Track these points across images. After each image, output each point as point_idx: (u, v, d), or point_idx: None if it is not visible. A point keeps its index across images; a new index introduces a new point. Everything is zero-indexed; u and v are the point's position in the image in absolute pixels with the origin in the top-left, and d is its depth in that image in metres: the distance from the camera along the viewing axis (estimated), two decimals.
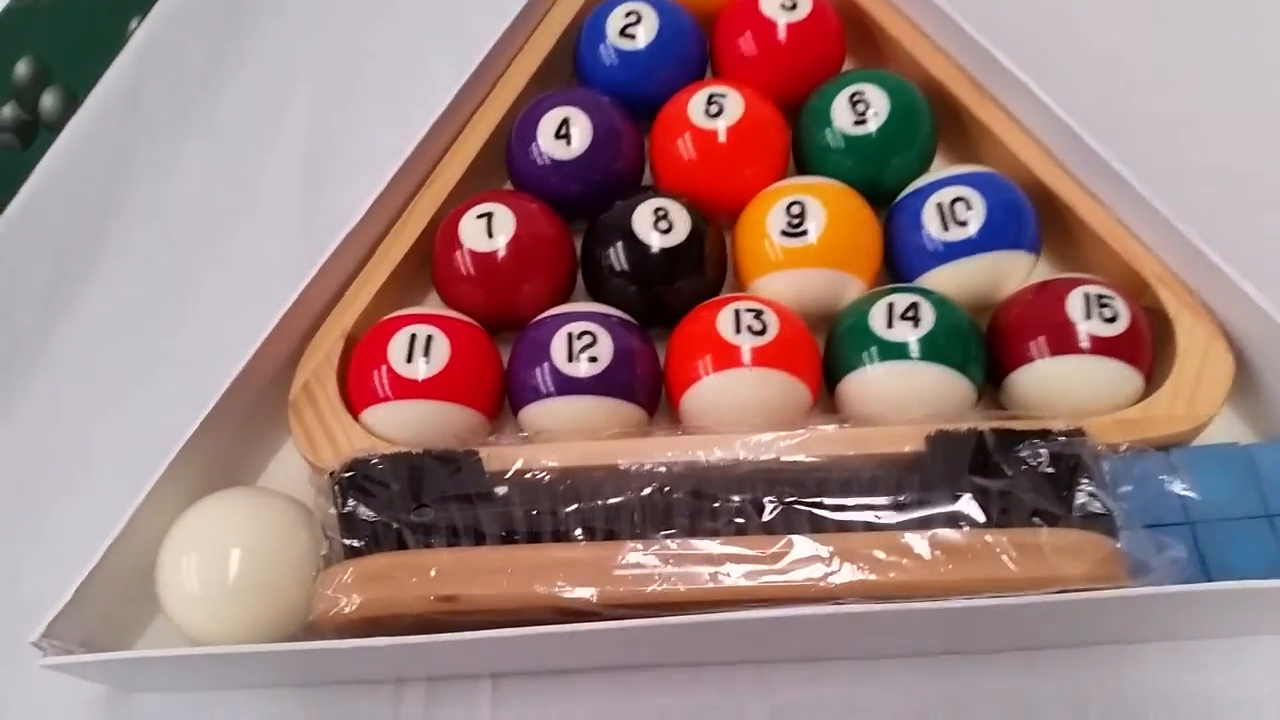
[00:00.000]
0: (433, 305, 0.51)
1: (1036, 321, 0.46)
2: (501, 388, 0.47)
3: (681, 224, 0.48)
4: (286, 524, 0.43)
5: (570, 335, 0.45)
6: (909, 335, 0.44)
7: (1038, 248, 0.49)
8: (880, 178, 0.51)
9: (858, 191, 0.49)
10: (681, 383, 0.46)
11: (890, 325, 0.45)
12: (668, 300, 0.48)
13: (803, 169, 0.53)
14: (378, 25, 0.65)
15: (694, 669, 0.44)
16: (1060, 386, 0.45)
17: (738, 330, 0.45)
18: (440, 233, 0.49)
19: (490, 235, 0.48)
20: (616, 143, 0.51)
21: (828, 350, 0.47)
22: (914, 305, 0.45)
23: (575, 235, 0.51)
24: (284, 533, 0.42)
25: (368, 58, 0.64)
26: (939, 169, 0.50)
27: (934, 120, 0.52)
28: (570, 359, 0.44)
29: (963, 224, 0.47)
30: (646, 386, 0.46)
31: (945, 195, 0.48)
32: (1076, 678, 0.44)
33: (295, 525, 0.43)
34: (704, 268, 0.48)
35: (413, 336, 0.45)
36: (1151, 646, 0.44)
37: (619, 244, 0.48)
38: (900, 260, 0.49)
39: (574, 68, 0.57)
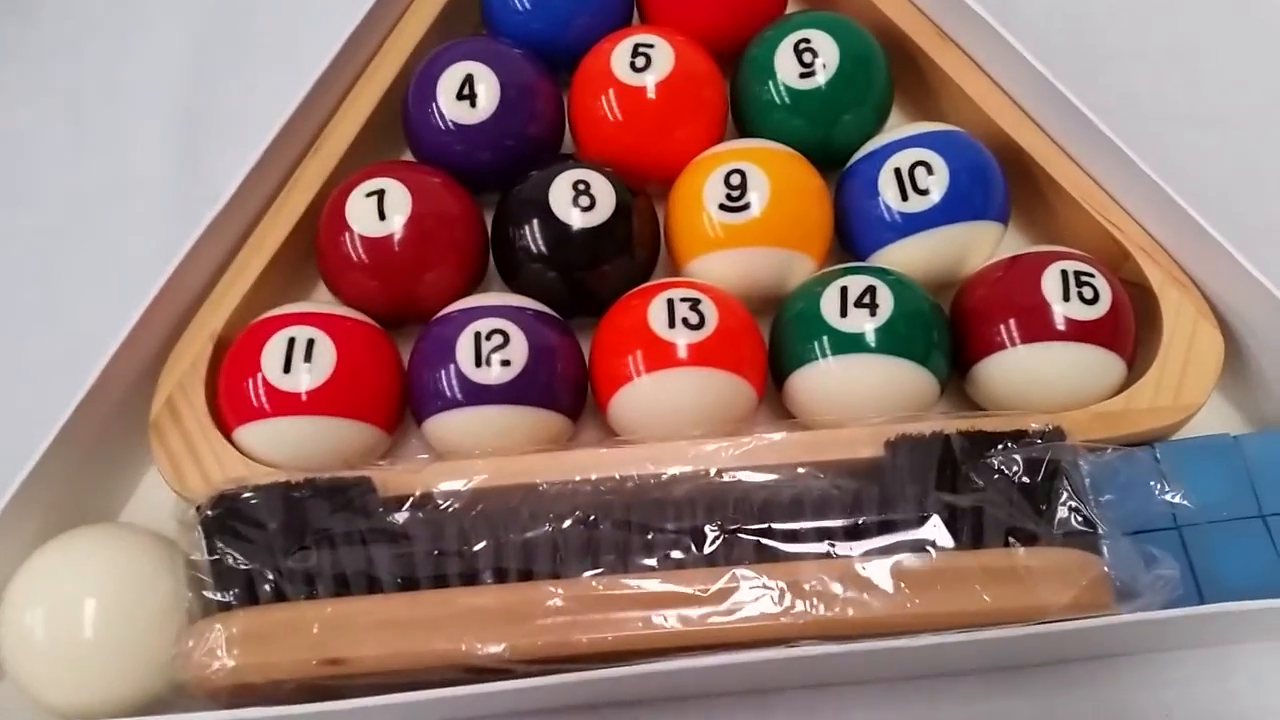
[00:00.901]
0: (320, 300, 0.45)
1: (1007, 303, 0.40)
2: (401, 396, 0.41)
3: (605, 198, 0.41)
4: (148, 567, 0.37)
5: (478, 335, 0.39)
6: (865, 324, 0.39)
7: (1007, 217, 0.43)
8: (830, 138, 0.45)
9: (805, 155, 0.43)
10: (610, 384, 0.40)
11: (844, 313, 0.39)
12: (592, 286, 0.42)
13: (743, 130, 0.47)
14: None
15: (630, 709, 0.39)
16: (1034, 378, 0.40)
17: (672, 324, 0.39)
18: (325, 214, 0.42)
19: (383, 216, 0.41)
20: (530, 102, 0.45)
21: (774, 340, 0.42)
22: (870, 290, 0.39)
23: (485, 211, 0.44)
24: (146, 578, 0.36)
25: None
26: (895, 128, 0.44)
27: (889, 70, 0.46)
28: (479, 363, 0.38)
29: (924, 192, 0.41)
30: (569, 390, 0.40)
31: (904, 159, 0.42)
32: (1054, 697, 0.40)
33: (159, 568, 0.37)
34: (632, 248, 0.42)
35: (291, 340, 0.39)
36: (1132, 660, 0.40)
37: (534, 222, 0.42)
38: (853, 234, 0.44)
39: (481, 14, 0.49)
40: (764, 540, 0.35)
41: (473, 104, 0.43)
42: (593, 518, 0.35)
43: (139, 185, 0.51)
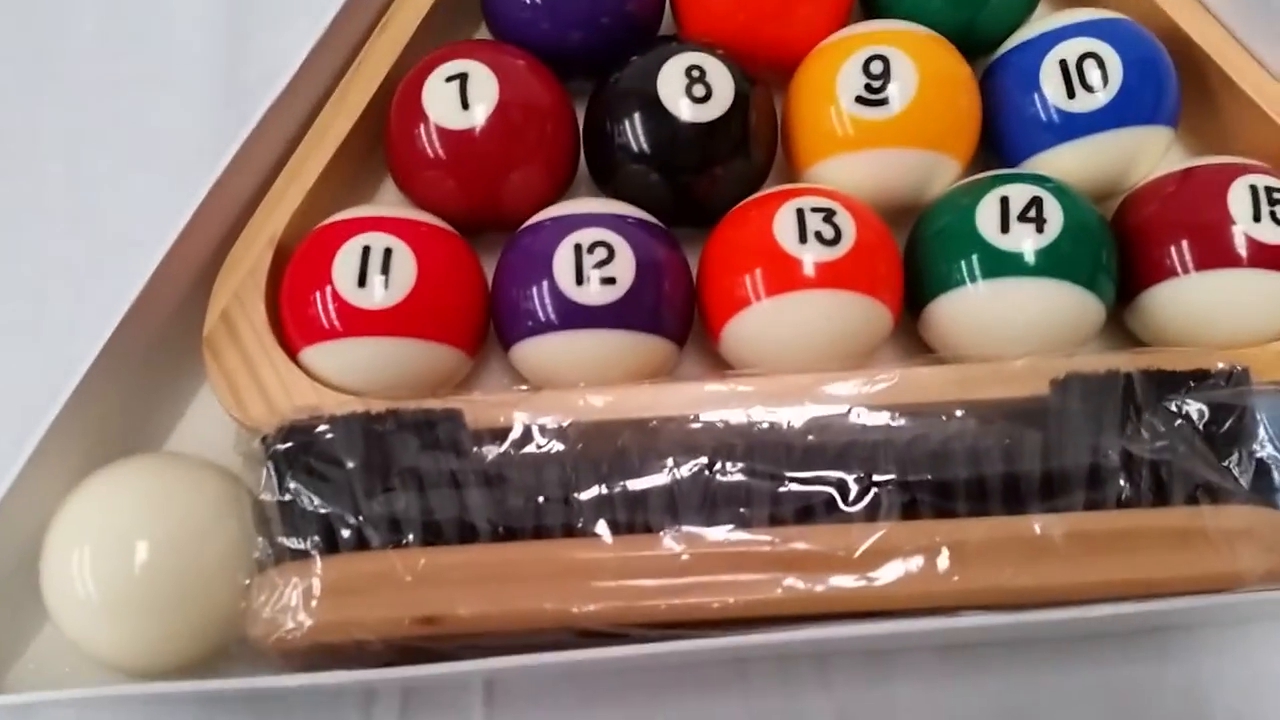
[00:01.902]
0: (390, 202, 0.39)
1: (1184, 223, 0.35)
2: (486, 316, 0.36)
3: (723, 88, 0.36)
4: (210, 504, 0.32)
5: (579, 248, 0.34)
6: (1028, 243, 0.33)
7: (1177, 121, 0.37)
8: (975, 22, 0.39)
9: (953, 35, 0.38)
10: (724, 308, 0.35)
11: (1005, 228, 0.34)
12: (703, 192, 0.37)
13: (870, 9, 0.41)
14: None
15: (741, 665, 0.35)
16: (1213, 310, 0.35)
17: (803, 238, 0.33)
18: (397, 101, 0.37)
19: (465, 106, 0.35)
20: None
21: (910, 258, 0.36)
22: (1036, 202, 0.34)
23: (577, 102, 0.39)
24: (207, 517, 0.32)
25: None
26: (1048, 16, 0.38)
27: None
28: (580, 280, 0.33)
29: (1092, 89, 0.36)
30: (678, 314, 0.35)
31: (1070, 50, 0.36)
32: (1195, 662, 0.35)
33: (221, 506, 0.32)
34: (750, 148, 0.37)
35: (366, 250, 0.34)
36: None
37: (638, 115, 0.36)
38: (1003, 135, 0.38)
39: None
40: (917, 495, 0.30)
41: None
42: (716, 465, 0.30)
43: (181, 68, 0.45)
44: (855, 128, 0.36)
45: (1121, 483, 0.30)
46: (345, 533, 0.30)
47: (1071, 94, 0.36)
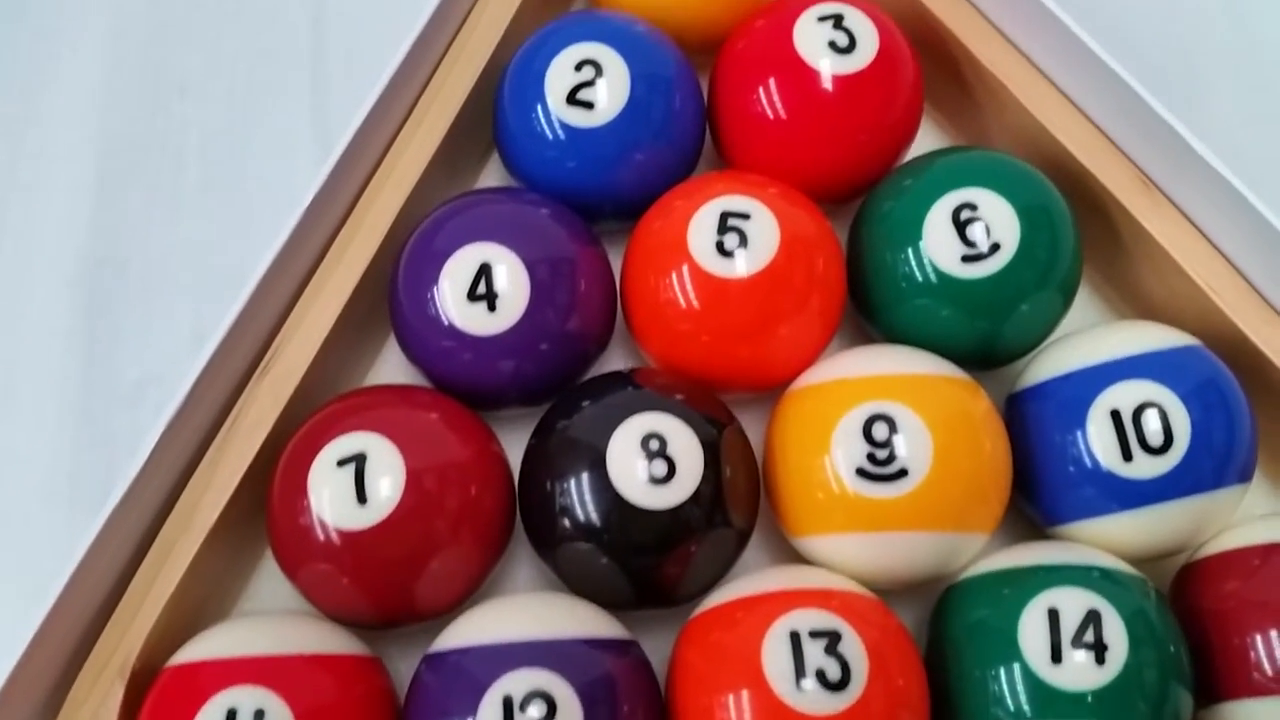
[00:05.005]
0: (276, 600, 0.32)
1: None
2: None
3: (688, 460, 0.28)
4: None
5: (508, 703, 0.26)
6: (1089, 678, 0.26)
7: (1252, 472, 0.30)
8: (999, 334, 0.32)
9: (960, 355, 0.31)
10: None
11: (1057, 657, 0.26)
12: (665, 578, 0.29)
13: (864, 306, 0.34)
14: None
15: None
16: None
17: (800, 675, 0.26)
18: (279, 484, 0.29)
19: (363, 498, 0.28)
20: (569, 286, 0.31)
21: (936, 662, 0.29)
22: (1093, 618, 0.27)
23: (507, 434, 0.32)
24: None
25: None
26: (1085, 323, 0.32)
27: (1076, 224, 0.32)
28: None
29: (1156, 450, 0.28)
30: None
31: (1124, 397, 0.29)
32: None
33: None
34: (727, 515, 0.29)
35: (231, 714, 0.26)
36: None
37: (587, 495, 0.29)
38: (1041, 487, 0.30)
39: (494, 132, 0.36)
40: None
41: (491, 306, 0.30)
42: None
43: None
44: (858, 507, 0.28)
45: None
46: None
47: (1128, 456, 0.28)
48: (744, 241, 0.30)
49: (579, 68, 0.32)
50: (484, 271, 0.30)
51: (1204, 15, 0.41)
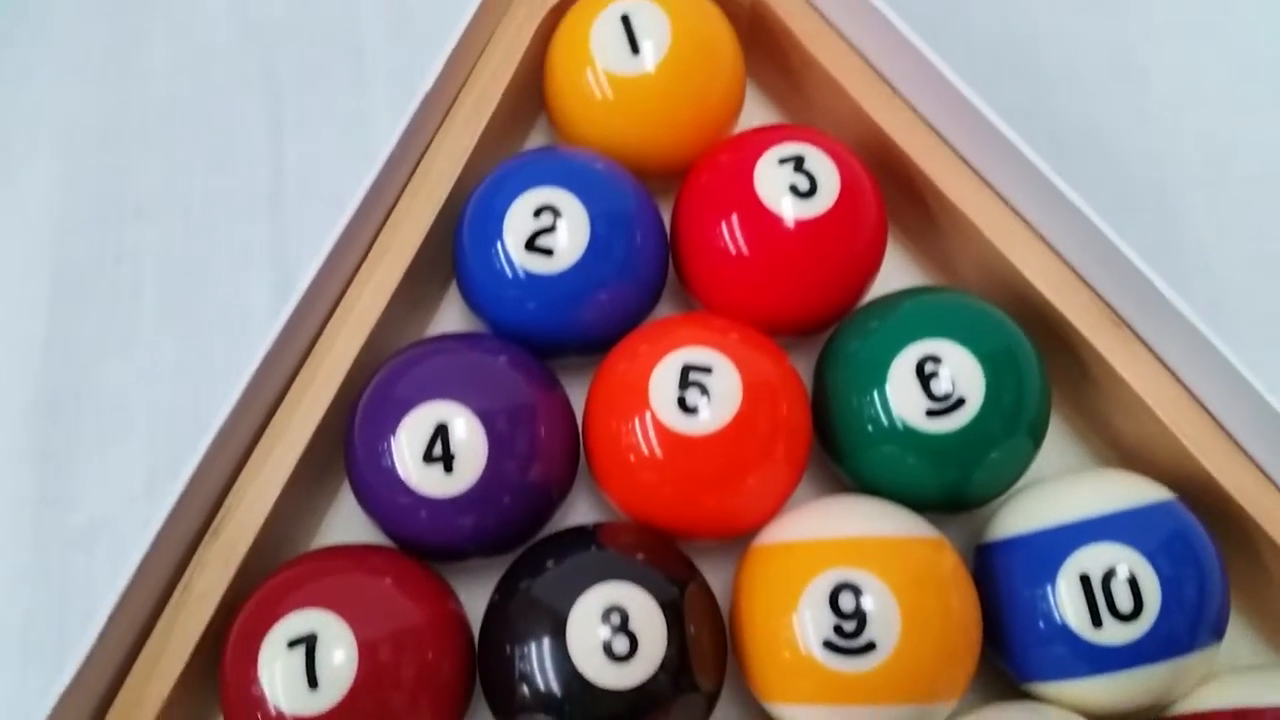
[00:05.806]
0: None
1: None
2: None
3: (650, 638, 0.28)
4: None
5: None
6: None
7: (1224, 630, 0.30)
8: (968, 482, 0.31)
9: (926, 501, 0.31)
10: None
11: None
12: None
13: (829, 446, 0.33)
14: None
15: None
16: None
17: None
18: (230, 654, 0.28)
19: (314, 683, 0.27)
20: (529, 434, 0.31)
21: None
22: None
23: (470, 583, 0.31)
24: None
25: None
26: (1058, 460, 0.31)
27: (1043, 365, 0.32)
28: None
29: (1125, 617, 0.28)
30: None
31: (1094, 562, 0.28)
32: None
33: None
34: (694, 680, 0.29)
35: None
36: None
37: (546, 665, 0.28)
38: (1011, 646, 0.30)
39: (454, 265, 0.35)
40: None
41: (448, 468, 0.29)
42: None
43: None
44: (826, 679, 0.28)
45: None
46: None
47: (1098, 622, 0.28)
48: (706, 395, 0.30)
49: (537, 214, 0.32)
50: (440, 432, 0.29)
51: (1176, 138, 0.41)
